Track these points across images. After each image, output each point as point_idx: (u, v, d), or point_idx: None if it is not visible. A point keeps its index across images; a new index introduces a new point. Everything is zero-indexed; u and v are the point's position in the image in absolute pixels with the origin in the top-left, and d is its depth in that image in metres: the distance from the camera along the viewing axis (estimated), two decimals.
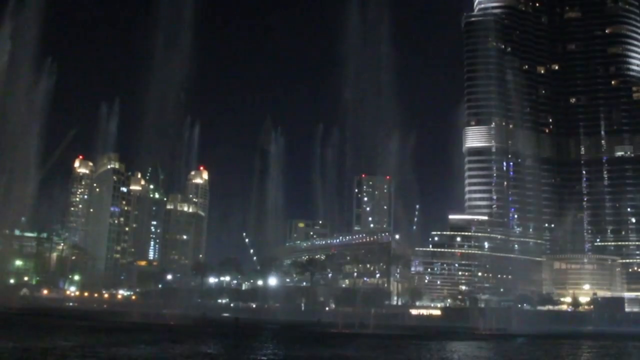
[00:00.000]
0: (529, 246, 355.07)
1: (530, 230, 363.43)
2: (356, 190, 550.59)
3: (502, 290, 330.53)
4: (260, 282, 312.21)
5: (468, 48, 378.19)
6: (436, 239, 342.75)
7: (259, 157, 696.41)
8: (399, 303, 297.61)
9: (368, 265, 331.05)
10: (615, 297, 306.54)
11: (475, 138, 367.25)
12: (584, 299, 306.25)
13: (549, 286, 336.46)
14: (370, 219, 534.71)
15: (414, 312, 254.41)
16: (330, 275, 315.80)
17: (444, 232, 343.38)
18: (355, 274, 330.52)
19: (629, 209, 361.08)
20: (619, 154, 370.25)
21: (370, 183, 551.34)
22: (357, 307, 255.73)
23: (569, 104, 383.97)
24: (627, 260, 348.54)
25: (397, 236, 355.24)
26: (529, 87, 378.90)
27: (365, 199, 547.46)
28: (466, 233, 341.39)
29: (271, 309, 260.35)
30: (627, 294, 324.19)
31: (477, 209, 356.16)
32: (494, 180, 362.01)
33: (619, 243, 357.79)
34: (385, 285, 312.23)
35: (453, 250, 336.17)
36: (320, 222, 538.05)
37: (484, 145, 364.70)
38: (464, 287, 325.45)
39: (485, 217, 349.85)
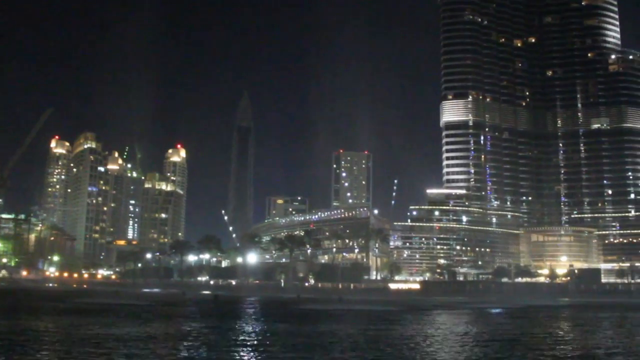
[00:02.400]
0: (507, 219, 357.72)
1: (508, 203, 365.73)
2: (334, 166, 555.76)
3: (480, 263, 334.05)
4: (239, 259, 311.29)
5: (445, 22, 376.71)
6: (414, 213, 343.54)
7: (236, 134, 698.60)
8: (378, 277, 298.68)
9: (347, 241, 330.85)
10: (591, 269, 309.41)
11: (452, 112, 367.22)
12: (561, 271, 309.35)
13: (526, 258, 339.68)
14: (348, 194, 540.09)
15: (393, 286, 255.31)
16: (309, 251, 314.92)
17: (422, 207, 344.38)
18: (335, 249, 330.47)
19: (605, 181, 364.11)
20: (596, 126, 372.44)
21: (349, 158, 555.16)
22: (337, 282, 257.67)
23: (546, 77, 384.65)
24: (604, 232, 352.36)
25: (375, 211, 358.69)
26: (506, 60, 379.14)
27: (344, 174, 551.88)
28: (444, 207, 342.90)
29: (251, 286, 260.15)
30: (604, 265, 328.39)
31: (455, 183, 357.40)
32: (471, 154, 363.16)
33: (596, 215, 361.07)
34: (364, 260, 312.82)
35: (431, 225, 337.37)
36: (299, 198, 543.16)
37: (460, 119, 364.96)
38: (442, 261, 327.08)
39: (463, 191, 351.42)
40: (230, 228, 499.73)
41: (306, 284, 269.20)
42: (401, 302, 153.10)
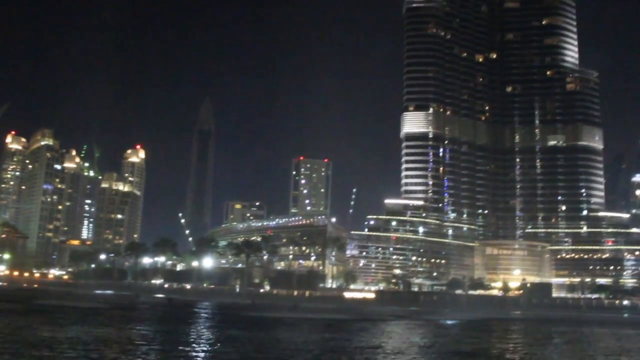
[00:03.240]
0: (463, 231, 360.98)
1: (464, 215, 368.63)
2: (294, 172, 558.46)
3: (435, 274, 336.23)
4: (195, 263, 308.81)
5: (408, 34, 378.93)
6: (372, 222, 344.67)
7: (197, 137, 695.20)
8: (334, 286, 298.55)
9: (304, 248, 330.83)
10: (543, 283, 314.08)
11: (412, 123, 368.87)
12: (514, 284, 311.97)
13: (480, 271, 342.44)
14: (307, 201, 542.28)
15: (348, 295, 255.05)
16: (265, 257, 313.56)
17: (380, 216, 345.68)
18: (291, 256, 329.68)
19: (559, 197, 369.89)
20: (552, 143, 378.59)
21: (308, 165, 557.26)
22: (292, 290, 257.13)
23: (505, 93, 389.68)
24: (556, 247, 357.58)
25: (333, 219, 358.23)
26: (467, 74, 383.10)
27: (303, 181, 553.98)
28: (401, 218, 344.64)
29: (206, 290, 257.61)
30: (555, 280, 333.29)
31: (412, 194, 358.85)
32: (430, 166, 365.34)
33: (549, 230, 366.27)
34: (321, 268, 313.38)
35: (388, 234, 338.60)
36: (257, 203, 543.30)
37: (421, 131, 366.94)
38: (398, 271, 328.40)
39: (421, 202, 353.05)
40: (187, 231, 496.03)
41: (261, 290, 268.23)
42: (356, 311, 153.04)
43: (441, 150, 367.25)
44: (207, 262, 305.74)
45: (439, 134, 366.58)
